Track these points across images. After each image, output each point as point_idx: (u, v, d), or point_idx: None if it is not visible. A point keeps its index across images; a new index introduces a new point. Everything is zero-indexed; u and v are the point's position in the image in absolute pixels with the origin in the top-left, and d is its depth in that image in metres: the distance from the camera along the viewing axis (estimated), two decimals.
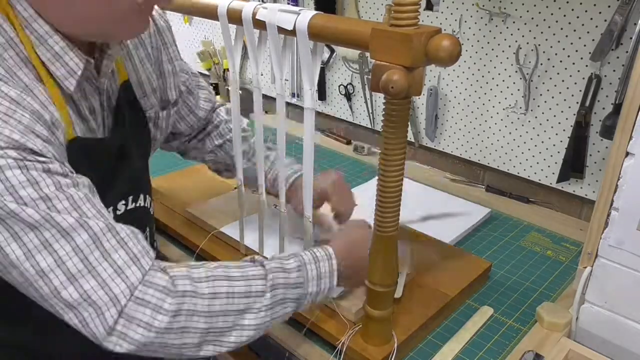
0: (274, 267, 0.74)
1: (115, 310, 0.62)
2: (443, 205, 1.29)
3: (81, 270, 0.61)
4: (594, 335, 0.86)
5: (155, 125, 0.93)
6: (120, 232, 0.65)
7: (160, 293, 0.64)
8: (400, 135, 0.69)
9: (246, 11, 0.81)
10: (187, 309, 0.65)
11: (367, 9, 1.50)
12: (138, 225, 0.87)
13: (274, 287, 0.72)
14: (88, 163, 0.73)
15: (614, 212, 0.79)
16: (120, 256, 0.64)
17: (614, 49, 1.09)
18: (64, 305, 0.62)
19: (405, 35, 0.61)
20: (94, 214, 0.64)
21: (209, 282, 0.68)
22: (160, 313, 0.63)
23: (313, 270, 0.76)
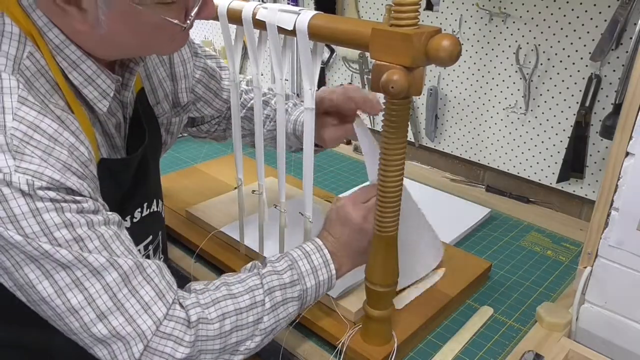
0: (267, 271, 0.75)
1: (142, 345, 0.65)
2: (443, 205, 1.29)
3: (110, 308, 0.64)
4: (594, 335, 0.86)
5: (167, 131, 0.94)
6: (147, 269, 0.67)
7: (182, 326, 0.67)
8: (400, 135, 0.69)
9: (246, 11, 0.81)
10: (202, 335, 0.68)
11: (367, 9, 1.50)
12: (152, 230, 0.89)
13: (271, 291, 0.74)
14: (112, 181, 0.75)
15: (614, 212, 0.79)
16: (147, 292, 0.66)
17: (614, 49, 1.09)
18: (94, 339, 0.64)
19: (405, 35, 0.61)
20: (122, 251, 0.66)
21: (216, 305, 0.70)
22: (182, 345, 0.67)
23: (305, 264, 0.77)
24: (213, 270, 1.06)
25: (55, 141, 0.62)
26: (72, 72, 0.68)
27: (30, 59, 0.64)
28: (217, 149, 1.58)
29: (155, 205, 0.89)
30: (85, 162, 0.65)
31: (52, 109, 0.64)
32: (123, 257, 0.65)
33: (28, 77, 0.63)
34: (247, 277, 0.75)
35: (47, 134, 0.62)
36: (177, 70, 0.93)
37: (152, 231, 0.89)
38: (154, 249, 0.91)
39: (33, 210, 0.59)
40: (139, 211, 0.84)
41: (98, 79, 0.70)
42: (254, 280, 0.74)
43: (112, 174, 0.75)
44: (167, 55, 0.90)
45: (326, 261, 0.79)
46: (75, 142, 0.65)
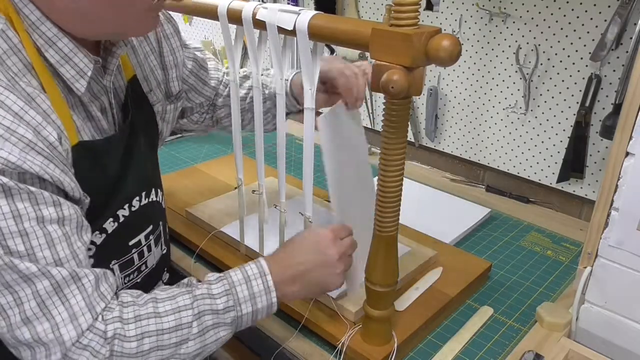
0: (200, 293, 0.72)
1: (60, 353, 0.64)
2: (443, 205, 1.29)
3: (37, 314, 0.63)
4: (594, 335, 0.86)
5: (162, 119, 0.93)
6: (82, 279, 0.66)
7: (100, 339, 0.66)
8: (400, 135, 0.69)
9: (246, 11, 0.81)
10: (117, 351, 0.66)
11: (367, 9, 1.50)
12: (152, 220, 0.88)
13: (201, 314, 0.71)
14: (96, 164, 0.73)
15: (614, 212, 0.79)
16: (77, 302, 0.65)
17: (614, 49, 1.09)
18: (17, 341, 0.64)
19: (405, 35, 0.61)
20: (65, 255, 0.65)
21: (137, 323, 0.68)
22: (97, 357, 0.65)
23: (244, 290, 0.74)
24: (213, 270, 1.06)
25: (20, 119, 0.61)
26: (48, 49, 0.67)
27: (1, 37, 0.63)
28: (217, 149, 1.58)
29: (154, 195, 0.88)
30: (53, 142, 0.64)
31: (22, 87, 0.63)
32: (60, 266, 0.64)
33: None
34: (178, 294, 0.72)
35: (12, 111, 0.60)
36: (167, 59, 0.93)
37: (153, 221, 0.89)
38: (155, 239, 0.90)
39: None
40: (137, 200, 0.83)
41: (75, 57, 0.68)
42: (185, 300, 0.71)
43: (95, 156, 0.74)
44: (156, 44, 0.90)
45: (267, 288, 0.75)
46: (43, 121, 0.63)
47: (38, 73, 0.66)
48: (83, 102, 0.73)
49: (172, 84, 0.95)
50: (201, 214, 1.14)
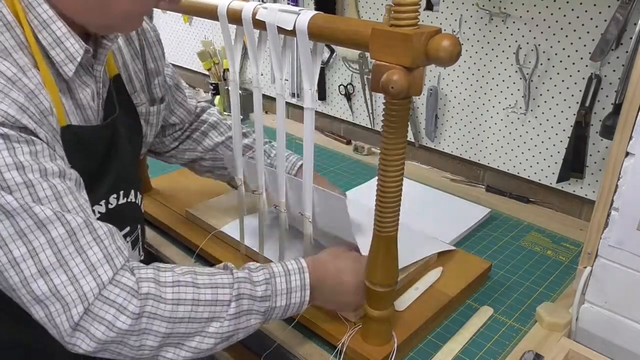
0: (241, 276, 0.73)
1: (82, 307, 0.62)
2: (443, 205, 1.29)
3: (53, 264, 0.61)
4: (594, 335, 0.86)
5: (146, 121, 0.94)
6: (98, 230, 0.65)
7: (127, 294, 0.64)
8: (400, 135, 0.69)
9: (246, 11, 0.81)
10: (149, 312, 0.65)
11: (367, 9, 1.50)
12: (130, 221, 0.88)
13: (240, 297, 0.71)
14: (81, 151, 0.74)
15: (614, 212, 0.79)
16: (95, 253, 0.64)
17: (614, 49, 1.09)
18: (32, 298, 0.61)
19: (405, 35, 0.61)
20: (74, 206, 0.64)
21: (175, 288, 0.67)
22: (124, 314, 0.63)
23: (282, 283, 0.75)
24: None
25: (12, 84, 0.61)
26: (42, 31, 0.68)
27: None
28: None
29: (133, 196, 0.88)
30: (44, 111, 0.64)
31: (14, 58, 0.64)
32: (73, 213, 0.63)
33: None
34: (217, 273, 0.72)
35: (5, 76, 0.61)
36: (150, 66, 0.94)
37: (130, 222, 0.88)
38: (132, 241, 0.90)
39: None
40: (114, 197, 0.83)
41: (67, 41, 0.69)
42: (224, 279, 0.72)
43: (81, 143, 0.74)
44: (139, 50, 0.91)
45: (304, 285, 0.77)
46: (35, 89, 0.64)
47: (32, 53, 0.67)
48: (71, 88, 0.73)
49: (155, 90, 0.96)
50: (201, 214, 1.14)
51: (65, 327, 0.62)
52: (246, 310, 0.72)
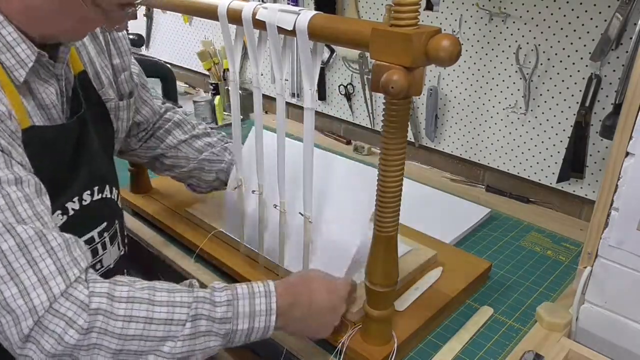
0: (201, 296, 0.70)
1: (32, 321, 0.61)
2: (443, 205, 1.29)
3: (3, 277, 0.60)
4: (594, 335, 0.86)
5: (116, 116, 0.92)
6: (52, 242, 0.63)
7: (77, 307, 0.62)
8: (400, 135, 0.69)
9: (246, 11, 0.81)
10: (99, 327, 0.63)
11: (367, 9, 1.50)
12: (106, 217, 0.86)
13: (197, 317, 0.68)
14: (47, 151, 0.73)
15: (614, 212, 0.79)
16: (47, 265, 0.62)
17: (614, 49, 1.09)
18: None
19: (405, 35, 0.61)
20: (29, 215, 0.63)
21: (128, 304, 0.65)
22: (72, 328, 0.62)
23: (245, 306, 0.72)
24: (213, 270, 1.06)
25: None
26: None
27: None
28: None
29: (108, 191, 0.87)
30: (1, 115, 0.63)
31: None
32: (24, 224, 0.61)
33: None
34: (177, 290, 0.70)
35: None
36: (115, 62, 0.93)
37: (107, 218, 0.87)
38: (110, 237, 0.89)
39: None
40: (88, 194, 0.82)
41: (17, 47, 0.68)
42: (183, 297, 0.69)
43: (46, 143, 0.73)
44: (104, 46, 0.91)
45: (269, 310, 0.73)
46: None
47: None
48: (31, 89, 0.72)
49: (122, 86, 0.95)
50: (201, 214, 1.14)
51: (15, 340, 0.61)
52: (204, 332, 0.69)
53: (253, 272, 0.99)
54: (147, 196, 1.25)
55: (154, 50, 2.33)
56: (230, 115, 0.96)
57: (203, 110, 1.80)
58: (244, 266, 1.01)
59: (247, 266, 1.01)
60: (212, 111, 1.81)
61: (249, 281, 0.96)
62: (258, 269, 1.00)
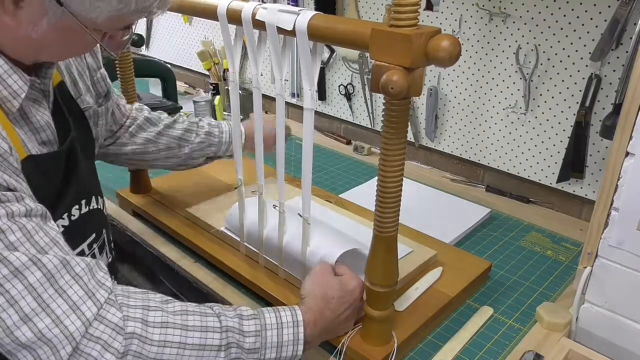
0: (231, 325, 0.70)
1: (71, 347, 0.61)
2: (443, 205, 1.29)
3: (35, 309, 0.60)
4: (594, 335, 0.86)
5: (95, 123, 0.92)
6: (75, 267, 0.64)
7: (112, 331, 0.63)
8: (400, 135, 0.69)
9: (246, 11, 0.81)
10: (135, 351, 0.64)
11: (367, 9, 1.50)
12: (94, 228, 0.87)
13: (229, 346, 0.69)
14: (42, 178, 0.73)
15: (614, 212, 0.79)
16: (75, 292, 0.63)
17: (614, 49, 1.09)
18: (17, 345, 0.60)
19: (405, 36, 0.61)
20: (46, 242, 0.63)
21: (162, 329, 0.66)
22: (109, 351, 0.62)
23: (273, 336, 0.72)
24: (213, 270, 1.06)
25: None
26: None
27: None
28: None
29: (94, 202, 0.87)
30: (4, 154, 0.63)
31: None
32: (46, 255, 0.62)
33: None
34: (209, 315, 0.70)
35: None
36: (88, 60, 0.92)
37: (95, 229, 0.87)
38: (99, 247, 0.89)
39: None
40: (76, 208, 0.82)
41: (9, 78, 0.68)
42: (214, 322, 0.70)
43: (42, 171, 0.73)
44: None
45: (297, 340, 0.74)
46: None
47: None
48: (24, 113, 0.72)
49: (98, 85, 0.94)
50: (201, 214, 1.14)
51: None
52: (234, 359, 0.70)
53: (253, 272, 0.99)
54: (147, 196, 1.25)
55: (154, 50, 2.33)
56: (230, 115, 0.96)
57: (203, 110, 1.80)
58: (244, 266, 1.01)
59: (247, 266, 1.01)
60: (212, 111, 1.81)
61: (250, 282, 0.97)
62: (258, 269, 1.00)
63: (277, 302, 0.93)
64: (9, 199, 0.62)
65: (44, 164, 0.74)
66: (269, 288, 0.95)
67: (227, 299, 0.98)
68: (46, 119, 0.75)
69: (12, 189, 0.63)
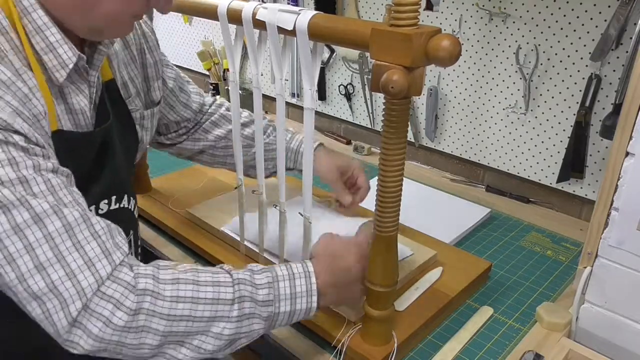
0: (242, 278, 0.70)
1: (81, 303, 0.61)
2: (443, 205, 1.29)
3: (50, 259, 0.60)
4: (594, 335, 0.86)
5: (141, 126, 0.93)
6: (95, 225, 0.64)
7: (124, 289, 0.63)
8: (400, 135, 0.69)
9: (246, 11, 0.81)
10: (147, 309, 0.63)
11: (367, 9, 1.50)
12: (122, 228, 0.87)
13: (242, 300, 0.69)
14: (70, 156, 0.73)
15: (614, 212, 0.79)
16: (92, 248, 0.63)
17: (614, 49, 1.09)
18: (28, 294, 0.60)
19: (405, 35, 0.61)
20: (70, 200, 0.63)
21: (174, 285, 0.66)
22: (120, 310, 0.62)
23: (286, 287, 0.72)
24: None
25: (7, 88, 0.62)
26: (35, 36, 0.67)
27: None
28: None
29: (126, 201, 0.87)
30: (38, 115, 0.64)
31: (10, 60, 0.64)
32: (70, 207, 0.62)
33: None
34: (219, 272, 0.70)
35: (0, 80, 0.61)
36: (149, 71, 0.94)
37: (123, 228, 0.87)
38: None
39: None
40: (105, 203, 0.82)
41: (60, 48, 0.69)
42: (226, 277, 0.69)
43: (71, 148, 0.73)
44: (137, 55, 0.91)
45: (310, 290, 0.73)
46: (29, 93, 0.64)
47: (27, 57, 0.67)
48: (64, 93, 0.73)
49: (154, 93, 0.96)
50: (201, 214, 1.14)
51: (63, 324, 0.61)
52: (248, 314, 0.69)
53: None
54: (147, 196, 1.25)
55: None
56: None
57: None
58: (244, 266, 1.01)
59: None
60: None
61: None
62: None
63: None
64: (36, 154, 0.62)
65: (73, 142, 0.74)
66: None
67: None
68: (82, 105, 0.75)
69: (42, 146, 0.64)
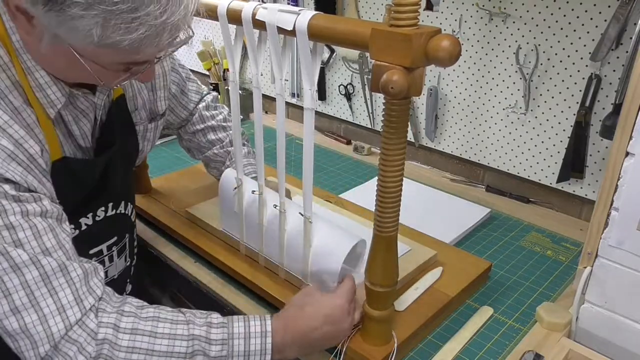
0: (197, 334, 0.72)
1: (49, 346, 0.65)
2: (443, 205, 1.29)
3: (25, 304, 0.65)
4: (594, 335, 0.86)
5: (143, 137, 0.95)
6: (71, 273, 0.68)
7: (87, 336, 0.67)
8: (400, 135, 0.69)
9: (246, 11, 0.81)
10: (106, 355, 0.68)
11: (367, 9, 1.50)
12: (117, 231, 0.90)
13: (194, 355, 0.72)
14: (73, 180, 0.76)
15: (614, 212, 0.79)
16: (66, 295, 0.67)
17: (614, 49, 1.09)
18: (4, 332, 0.65)
19: (405, 36, 0.61)
20: (52, 245, 0.67)
21: (131, 335, 0.69)
22: (82, 354, 0.66)
23: (240, 345, 0.73)
24: (213, 270, 1.06)
25: (3, 132, 0.64)
26: (28, 75, 0.70)
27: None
28: None
29: (123, 207, 0.90)
30: (35, 154, 0.67)
31: (10, 100, 0.67)
32: (49, 256, 0.66)
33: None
34: (179, 322, 0.72)
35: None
36: (157, 81, 0.95)
37: (118, 233, 0.90)
38: (118, 250, 0.91)
39: None
40: (102, 210, 0.85)
41: (48, 89, 0.71)
42: (183, 330, 0.72)
43: (74, 173, 0.76)
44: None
45: (264, 350, 0.74)
46: (25, 135, 0.66)
47: (24, 90, 0.69)
48: (64, 119, 0.76)
49: (159, 103, 0.97)
50: (201, 214, 1.14)
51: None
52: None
53: (253, 272, 0.99)
54: (147, 196, 1.25)
55: None
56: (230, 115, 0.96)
57: None
58: (244, 266, 1.01)
59: (247, 266, 1.01)
60: None
61: (250, 282, 0.97)
62: (258, 269, 1.00)
63: (277, 302, 0.93)
64: (27, 200, 0.65)
65: (77, 167, 0.78)
66: (269, 288, 0.95)
67: (227, 298, 0.98)
68: (85, 130, 0.78)
69: (32, 190, 0.67)
